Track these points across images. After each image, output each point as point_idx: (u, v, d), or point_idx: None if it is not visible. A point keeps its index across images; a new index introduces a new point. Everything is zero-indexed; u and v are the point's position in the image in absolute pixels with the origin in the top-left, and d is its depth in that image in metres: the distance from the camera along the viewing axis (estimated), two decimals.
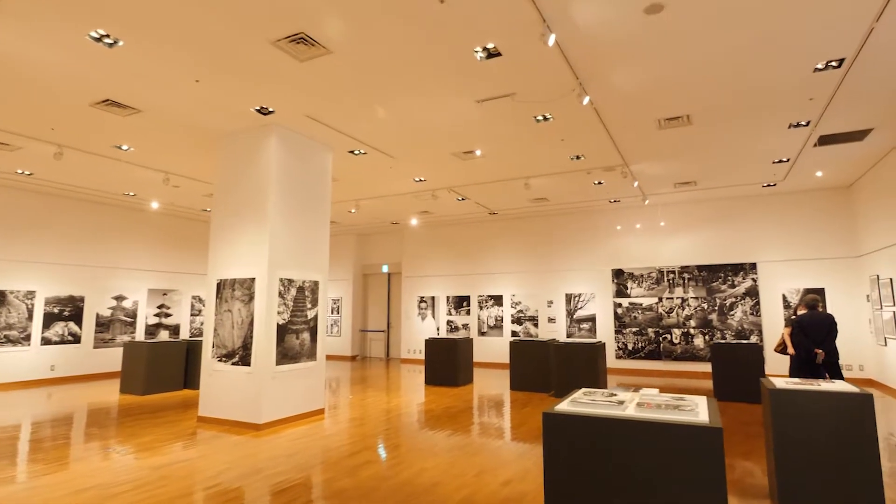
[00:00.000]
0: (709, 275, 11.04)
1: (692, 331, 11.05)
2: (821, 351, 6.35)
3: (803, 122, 6.57)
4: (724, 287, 10.88)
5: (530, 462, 4.78)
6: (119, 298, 11.44)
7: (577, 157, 8.03)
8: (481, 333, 13.41)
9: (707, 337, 10.90)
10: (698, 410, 2.57)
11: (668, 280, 11.40)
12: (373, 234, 15.89)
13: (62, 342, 10.38)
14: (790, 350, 6.40)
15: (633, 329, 11.62)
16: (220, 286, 6.76)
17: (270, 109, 6.17)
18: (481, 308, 13.51)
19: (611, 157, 8.04)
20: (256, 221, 6.62)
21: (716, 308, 10.89)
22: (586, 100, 5.32)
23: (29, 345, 9.90)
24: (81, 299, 10.75)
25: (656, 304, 11.46)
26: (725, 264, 10.90)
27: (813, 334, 6.47)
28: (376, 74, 5.26)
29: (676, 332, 11.20)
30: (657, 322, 11.41)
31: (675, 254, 11.41)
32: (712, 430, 2.31)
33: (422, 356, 14.13)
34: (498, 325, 13.24)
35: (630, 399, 2.83)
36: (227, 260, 6.78)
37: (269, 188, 6.58)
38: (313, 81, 5.42)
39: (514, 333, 13.00)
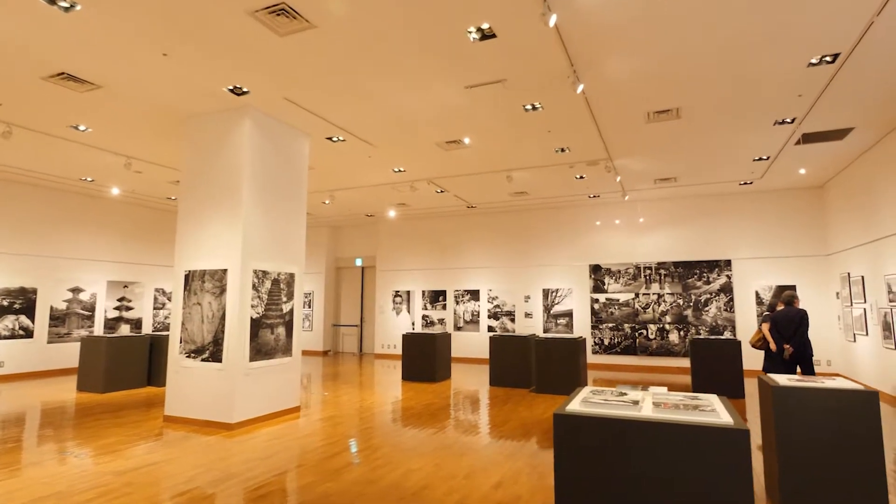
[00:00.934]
0: (685, 271, 11.13)
1: (667, 326, 11.14)
2: (788, 346, 6.42)
3: (788, 120, 6.59)
4: (699, 283, 10.99)
5: (520, 462, 4.61)
6: (75, 290, 10.77)
7: (562, 150, 7.89)
8: (457, 328, 13.24)
9: (682, 332, 11.00)
10: (717, 410, 2.43)
11: (645, 276, 11.46)
12: (346, 227, 15.50)
13: (12, 336, 9.69)
14: (773, 346, 6.45)
15: (610, 324, 11.64)
16: (189, 278, 6.35)
17: (245, 89, 5.79)
18: (457, 303, 13.33)
19: (596, 151, 7.94)
20: (229, 210, 6.23)
21: (691, 304, 11.00)
22: (580, 88, 5.15)
23: None
24: (34, 291, 10.06)
25: (633, 299, 11.50)
26: (701, 261, 11.01)
27: (783, 330, 6.54)
28: (362, 53, 4.97)
29: (652, 327, 11.27)
30: (633, 318, 11.46)
31: (652, 250, 11.47)
32: (739, 431, 2.16)
33: (396, 351, 13.87)
34: (474, 320, 13.09)
35: (642, 398, 2.67)
36: (196, 250, 6.37)
37: (242, 175, 6.20)
38: (293, 59, 5.08)
39: (490, 328, 12.87)
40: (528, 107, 6.24)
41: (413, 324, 13.78)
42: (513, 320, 12.67)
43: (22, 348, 9.82)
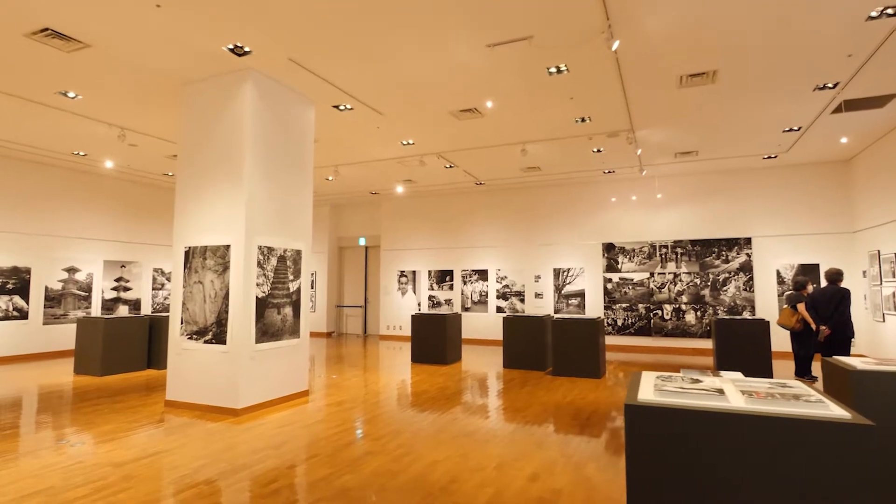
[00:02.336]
0: (702, 249, 10.74)
1: (684, 307, 10.79)
2: (825, 327, 6.07)
3: (830, 84, 6.13)
4: (717, 262, 10.62)
5: (552, 451, 4.27)
6: (71, 270, 10.37)
7: (583, 120, 7.43)
8: (465, 309, 12.89)
9: (699, 313, 10.66)
10: (825, 401, 2.05)
11: (661, 255, 11.07)
12: (349, 205, 15.05)
13: (6, 318, 9.32)
14: (812, 325, 6.11)
15: (623, 305, 11.29)
16: (189, 254, 5.94)
17: (246, 49, 5.31)
18: (465, 283, 12.97)
19: (618, 121, 7.48)
20: (230, 182, 5.80)
21: (708, 283, 10.64)
22: (615, 45, 4.69)
23: None
24: (27, 271, 9.65)
25: (648, 279, 11.14)
26: (719, 239, 10.62)
27: (821, 309, 6.19)
28: (376, 3, 4.49)
29: (668, 308, 10.92)
30: (648, 298, 11.10)
31: (669, 228, 11.07)
32: (864, 427, 1.79)
33: (402, 332, 13.55)
34: (483, 301, 12.73)
35: (723, 385, 2.29)
36: (196, 225, 5.96)
37: (243, 145, 5.75)
38: (300, 12, 4.60)
39: (499, 309, 12.53)
40: (553, 69, 5.77)
41: (419, 304, 13.43)
42: (522, 301, 12.32)
43: (16, 330, 9.45)
